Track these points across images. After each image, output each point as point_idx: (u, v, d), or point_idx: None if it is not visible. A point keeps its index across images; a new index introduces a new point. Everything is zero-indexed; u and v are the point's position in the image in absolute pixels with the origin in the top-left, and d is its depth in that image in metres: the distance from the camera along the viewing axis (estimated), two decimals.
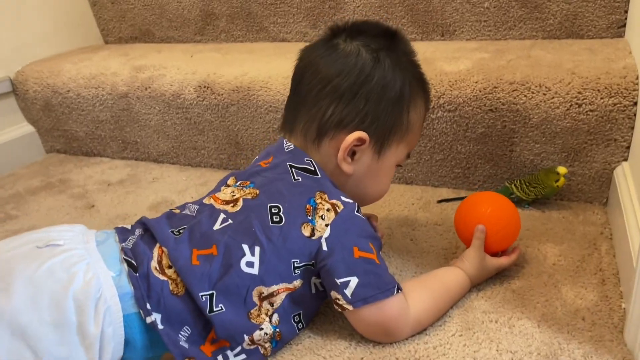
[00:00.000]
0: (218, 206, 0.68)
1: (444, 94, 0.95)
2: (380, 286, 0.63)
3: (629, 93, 0.84)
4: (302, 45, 0.73)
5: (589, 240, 0.83)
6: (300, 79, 0.70)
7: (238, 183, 0.71)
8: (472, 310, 0.70)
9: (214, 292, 0.61)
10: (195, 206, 0.71)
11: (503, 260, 0.75)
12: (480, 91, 0.93)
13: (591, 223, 0.88)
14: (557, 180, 0.88)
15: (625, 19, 1.07)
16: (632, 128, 0.86)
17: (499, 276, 0.76)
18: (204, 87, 1.15)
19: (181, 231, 0.66)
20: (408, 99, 0.69)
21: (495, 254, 0.76)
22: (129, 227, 0.71)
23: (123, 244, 0.66)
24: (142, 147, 1.30)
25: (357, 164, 0.69)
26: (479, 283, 0.75)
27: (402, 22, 1.24)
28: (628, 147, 0.87)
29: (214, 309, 0.61)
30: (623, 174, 0.85)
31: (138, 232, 0.69)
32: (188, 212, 0.70)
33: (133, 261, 0.63)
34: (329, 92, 0.67)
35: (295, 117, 0.70)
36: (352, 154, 0.69)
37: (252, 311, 0.63)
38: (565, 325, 0.66)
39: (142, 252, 0.64)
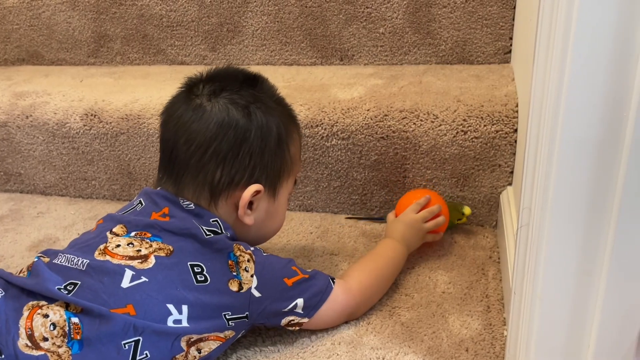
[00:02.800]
0: (118, 261, 0.62)
1: (337, 122, 0.95)
2: (321, 290, 0.69)
3: (510, 120, 0.87)
4: (201, 68, 0.72)
5: (478, 265, 0.85)
6: (174, 145, 0.68)
7: (133, 234, 0.66)
8: (360, 347, 0.69)
9: (140, 338, 0.58)
10: (84, 260, 0.62)
11: (421, 213, 0.83)
12: (371, 119, 0.93)
13: (481, 247, 0.90)
14: (459, 219, 0.90)
15: (511, 45, 1.12)
16: (514, 154, 0.89)
17: (389, 307, 0.76)
18: (91, 115, 1.08)
19: (69, 288, 0.60)
20: (285, 138, 0.70)
21: None
22: None
23: None
24: (26, 179, 1.20)
25: (256, 212, 0.71)
26: (414, 241, 0.83)
27: (301, 46, 1.23)
28: (512, 172, 0.90)
29: (137, 358, 0.58)
30: (507, 198, 0.88)
31: None
32: (69, 265, 0.62)
33: None
34: (211, 157, 0.66)
35: (179, 183, 0.69)
36: (250, 204, 0.69)
37: (177, 356, 0.61)
38: (450, 358, 0.66)
39: (4, 327, 0.56)
